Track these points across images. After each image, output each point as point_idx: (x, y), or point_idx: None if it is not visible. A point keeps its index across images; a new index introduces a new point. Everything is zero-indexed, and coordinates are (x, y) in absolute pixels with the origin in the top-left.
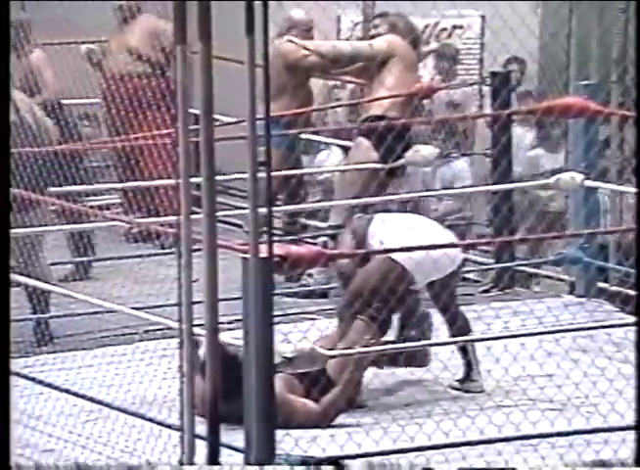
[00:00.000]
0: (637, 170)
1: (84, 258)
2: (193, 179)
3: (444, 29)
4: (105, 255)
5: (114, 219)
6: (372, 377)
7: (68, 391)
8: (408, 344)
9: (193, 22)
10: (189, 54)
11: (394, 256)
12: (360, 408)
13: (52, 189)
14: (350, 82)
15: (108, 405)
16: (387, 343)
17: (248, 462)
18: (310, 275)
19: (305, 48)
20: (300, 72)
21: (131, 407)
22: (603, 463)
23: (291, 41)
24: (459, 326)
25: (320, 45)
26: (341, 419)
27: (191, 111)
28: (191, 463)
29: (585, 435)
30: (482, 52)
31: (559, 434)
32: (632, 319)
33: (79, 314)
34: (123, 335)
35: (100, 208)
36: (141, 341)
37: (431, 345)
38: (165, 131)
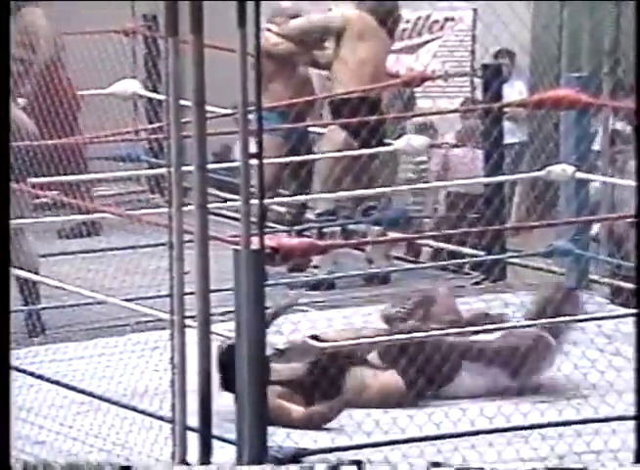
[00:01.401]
0: (637, 168)
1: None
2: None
3: (436, 22)
4: (96, 246)
5: (104, 211)
6: None
7: (59, 382)
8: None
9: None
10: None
11: None
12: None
13: (34, 180)
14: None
15: (99, 397)
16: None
17: (240, 454)
18: (317, 267)
19: (278, 35)
20: (281, 61)
21: (122, 399)
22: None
23: (268, 30)
24: None
25: (288, 30)
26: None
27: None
28: (183, 456)
29: (576, 426)
30: (474, 44)
31: (549, 425)
32: (623, 311)
33: (71, 306)
34: (115, 327)
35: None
36: (132, 332)
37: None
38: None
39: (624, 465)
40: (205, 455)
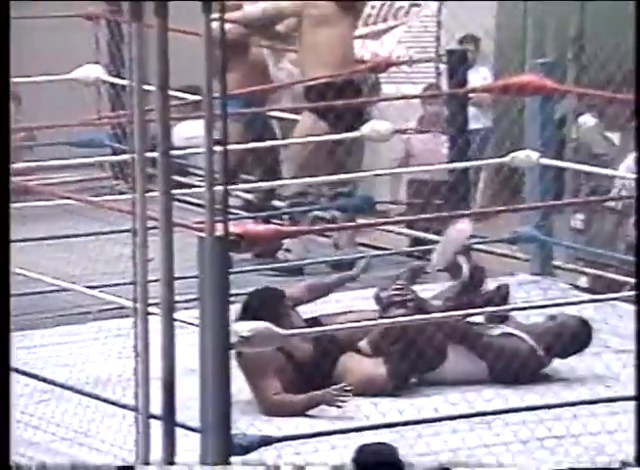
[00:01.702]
0: (638, 163)
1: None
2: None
3: (401, 7)
4: (59, 233)
5: (68, 197)
6: None
7: (20, 371)
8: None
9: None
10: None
11: None
12: None
13: None
14: (287, 50)
15: (61, 386)
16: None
17: (204, 442)
18: (288, 250)
19: (229, 21)
20: (233, 47)
21: (85, 387)
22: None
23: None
24: None
25: (241, 16)
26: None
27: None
28: (146, 444)
29: (538, 411)
30: (439, 30)
31: (512, 410)
32: (587, 297)
33: (33, 293)
34: (78, 314)
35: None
36: (95, 320)
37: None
38: None
39: (586, 451)
40: (169, 444)
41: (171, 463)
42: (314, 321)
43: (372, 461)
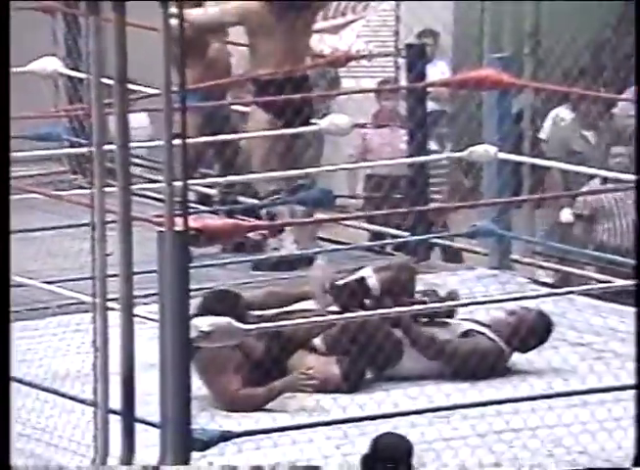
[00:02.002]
0: (637, 161)
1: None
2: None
3: (360, 2)
4: (16, 227)
5: (33, 191)
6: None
7: None
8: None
9: None
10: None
11: None
12: None
13: None
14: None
15: (19, 381)
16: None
17: (163, 437)
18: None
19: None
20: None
21: (44, 383)
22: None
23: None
24: None
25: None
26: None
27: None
28: (105, 439)
29: (496, 405)
30: (398, 24)
31: (470, 405)
32: (545, 290)
33: None
34: (36, 309)
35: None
36: (54, 315)
37: None
38: None
39: (544, 444)
40: (128, 439)
41: (130, 459)
42: (268, 319)
43: (387, 454)
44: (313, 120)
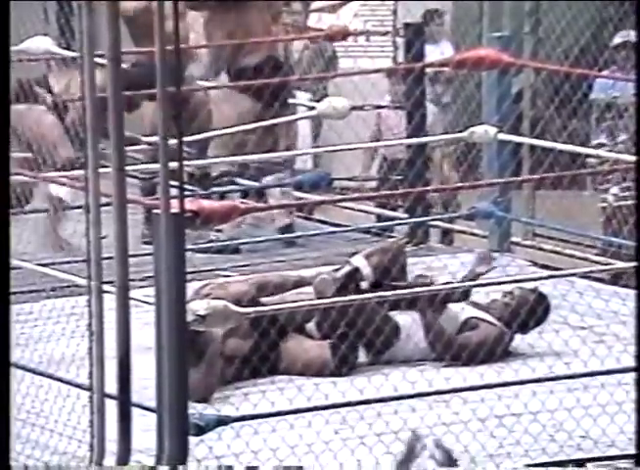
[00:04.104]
0: (637, 152)
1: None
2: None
3: None
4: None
5: (20, 174)
6: None
7: None
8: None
9: None
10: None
11: None
12: None
13: None
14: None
15: (14, 365)
16: None
17: (160, 422)
18: (220, 230)
19: None
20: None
21: (39, 367)
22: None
23: None
24: None
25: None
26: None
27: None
28: (101, 424)
29: (497, 389)
30: (397, 3)
31: (471, 388)
32: (545, 273)
33: None
34: (30, 292)
35: None
36: (48, 298)
37: None
38: None
39: (545, 428)
40: (125, 424)
41: (127, 445)
42: (255, 303)
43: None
44: (302, 102)
